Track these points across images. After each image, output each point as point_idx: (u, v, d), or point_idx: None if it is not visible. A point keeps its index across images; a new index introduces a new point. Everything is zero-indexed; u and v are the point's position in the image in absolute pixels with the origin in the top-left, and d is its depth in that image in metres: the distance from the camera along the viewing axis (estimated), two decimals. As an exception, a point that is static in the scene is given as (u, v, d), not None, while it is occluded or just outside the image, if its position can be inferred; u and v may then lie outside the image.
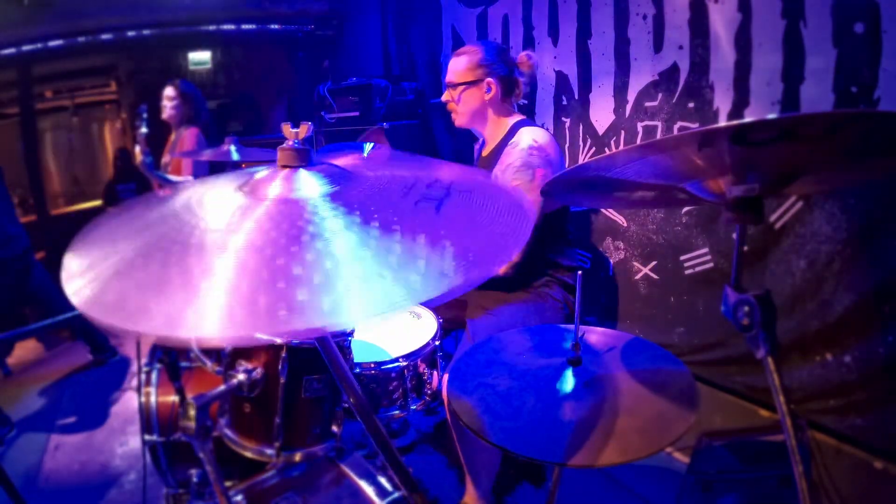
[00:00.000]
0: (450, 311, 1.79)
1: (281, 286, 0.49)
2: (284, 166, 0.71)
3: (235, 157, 2.10)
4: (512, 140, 1.70)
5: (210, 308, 0.48)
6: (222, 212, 0.63)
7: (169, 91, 2.98)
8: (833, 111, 1.37)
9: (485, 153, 1.85)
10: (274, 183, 0.67)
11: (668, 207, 2.00)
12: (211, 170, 2.72)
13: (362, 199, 0.64)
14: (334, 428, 1.18)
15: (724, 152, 0.58)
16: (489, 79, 1.74)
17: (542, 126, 2.55)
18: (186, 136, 2.97)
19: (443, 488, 1.83)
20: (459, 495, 1.70)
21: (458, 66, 1.77)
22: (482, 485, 1.62)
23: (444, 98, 1.85)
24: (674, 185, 0.73)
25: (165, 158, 3.03)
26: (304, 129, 0.75)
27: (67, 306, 1.12)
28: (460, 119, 1.83)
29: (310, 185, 0.67)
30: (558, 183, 0.79)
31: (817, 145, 0.55)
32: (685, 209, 1.99)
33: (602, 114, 2.25)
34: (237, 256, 0.53)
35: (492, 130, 1.82)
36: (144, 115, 2.68)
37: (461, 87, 1.77)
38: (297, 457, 1.14)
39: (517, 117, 1.80)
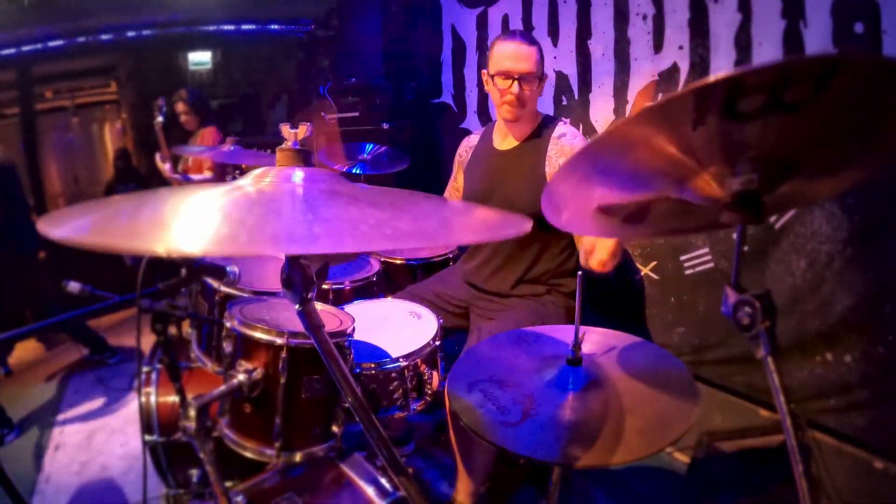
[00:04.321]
0: (452, 319, 1.78)
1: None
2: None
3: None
4: (557, 133, 1.69)
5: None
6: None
7: (180, 106, 3.24)
8: (826, 53, 1.34)
9: (504, 146, 1.78)
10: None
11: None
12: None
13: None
14: (334, 428, 1.19)
15: (715, 134, 0.56)
16: (545, 73, 1.70)
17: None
18: (207, 134, 3.23)
19: (443, 489, 1.83)
20: (459, 495, 1.70)
21: (536, 56, 1.65)
22: (475, 481, 1.63)
23: (514, 90, 1.63)
24: (667, 194, 0.72)
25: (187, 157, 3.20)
26: (304, 130, 0.75)
27: (65, 309, 1.12)
28: (524, 112, 1.69)
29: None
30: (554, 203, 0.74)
31: (812, 118, 0.53)
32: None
33: (602, 114, 2.25)
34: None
35: (525, 124, 1.75)
36: (164, 108, 2.80)
37: (539, 80, 1.67)
38: (297, 457, 1.14)
39: (541, 113, 1.78)
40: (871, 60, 0.48)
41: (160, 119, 2.89)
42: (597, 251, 1.46)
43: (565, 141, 1.67)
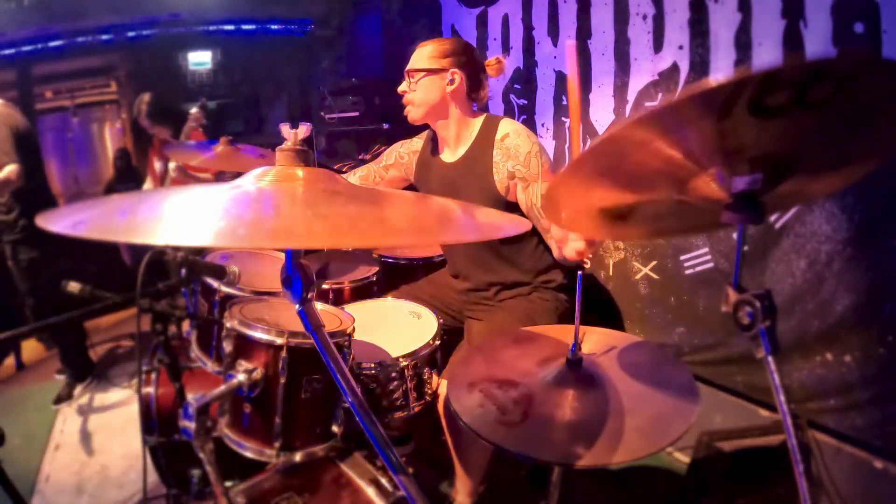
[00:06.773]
0: (448, 321, 1.77)
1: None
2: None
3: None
4: (500, 134, 1.58)
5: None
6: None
7: (146, 98, 3.11)
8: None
9: (450, 159, 1.69)
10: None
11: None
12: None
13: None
14: (334, 428, 1.18)
15: (725, 132, 0.55)
16: (454, 69, 1.59)
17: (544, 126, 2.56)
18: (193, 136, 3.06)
19: (443, 489, 1.83)
20: (459, 495, 1.70)
21: (421, 53, 1.63)
22: (473, 480, 1.64)
23: (400, 89, 1.66)
24: (666, 195, 0.72)
25: (157, 165, 3.07)
26: (304, 130, 0.74)
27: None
28: (415, 111, 1.65)
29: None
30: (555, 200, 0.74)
31: (824, 115, 0.53)
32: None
33: (602, 114, 2.25)
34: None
35: (455, 130, 1.66)
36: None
37: (420, 74, 1.61)
38: (297, 457, 1.14)
39: (482, 114, 1.68)
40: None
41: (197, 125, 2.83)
42: (571, 241, 1.23)
43: (509, 142, 1.56)
